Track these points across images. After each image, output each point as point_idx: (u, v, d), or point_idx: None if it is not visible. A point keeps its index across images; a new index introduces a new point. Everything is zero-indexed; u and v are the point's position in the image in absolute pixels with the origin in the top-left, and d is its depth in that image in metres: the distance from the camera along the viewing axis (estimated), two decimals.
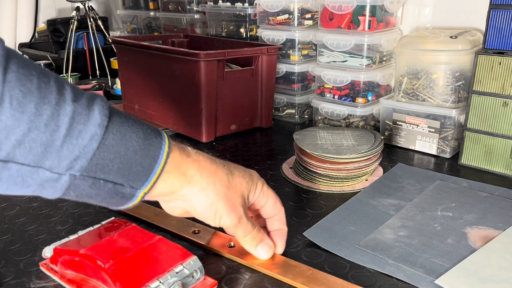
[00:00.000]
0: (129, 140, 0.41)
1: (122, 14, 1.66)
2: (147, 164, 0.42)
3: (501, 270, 0.50)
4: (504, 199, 0.68)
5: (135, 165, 0.41)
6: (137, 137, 0.41)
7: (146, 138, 0.42)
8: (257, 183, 0.51)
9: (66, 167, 0.37)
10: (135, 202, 0.43)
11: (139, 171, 0.42)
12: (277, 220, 0.55)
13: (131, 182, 0.42)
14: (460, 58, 0.84)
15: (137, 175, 0.42)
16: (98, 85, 1.38)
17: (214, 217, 0.47)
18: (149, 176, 0.42)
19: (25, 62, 0.37)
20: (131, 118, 0.42)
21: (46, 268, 0.52)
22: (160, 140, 0.43)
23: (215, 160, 0.48)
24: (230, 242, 0.56)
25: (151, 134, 0.43)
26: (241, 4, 1.17)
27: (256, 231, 0.51)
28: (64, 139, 0.37)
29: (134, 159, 0.41)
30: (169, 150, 0.44)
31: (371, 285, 0.49)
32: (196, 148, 0.49)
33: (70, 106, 0.37)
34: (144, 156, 0.42)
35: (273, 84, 1.05)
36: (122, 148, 0.40)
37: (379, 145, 0.76)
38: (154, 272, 0.46)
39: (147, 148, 0.42)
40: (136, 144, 0.41)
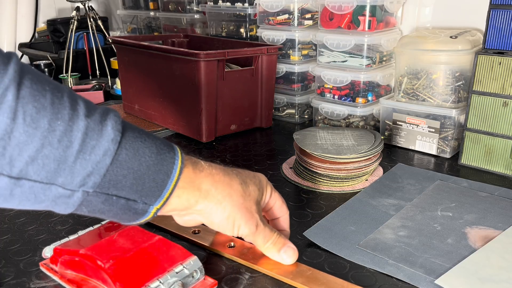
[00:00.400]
0: (142, 156, 0.40)
1: (122, 14, 1.66)
2: (160, 179, 0.41)
3: (501, 270, 0.50)
4: (504, 199, 0.68)
5: (148, 180, 0.41)
6: (150, 152, 0.41)
7: (159, 153, 0.42)
8: (266, 187, 0.52)
9: (79, 183, 0.37)
10: (147, 218, 0.43)
11: (152, 187, 0.41)
12: (282, 222, 0.55)
13: (144, 198, 0.41)
14: (460, 58, 0.84)
15: (150, 191, 0.41)
16: (98, 85, 1.38)
17: (233, 228, 0.47)
18: (162, 192, 0.42)
19: (38, 77, 0.36)
20: (144, 133, 0.42)
21: (46, 268, 0.52)
22: (173, 155, 0.43)
23: (228, 171, 0.48)
24: (230, 242, 0.56)
25: (164, 149, 0.43)
26: (241, 4, 1.17)
27: (276, 236, 0.51)
28: (77, 155, 0.36)
29: (147, 174, 0.40)
30: (182, 165, 0.43)
31: (371, 285, 0.49)
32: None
33: (83, 121, 0.37)
34: (157, 171, 0.41)
35: (273, 84, 1.05)
36: (135, 164, 0.40)
37: (379, 145, 0.76)
38: (154, 272, 0.46)
39: (160, 163, 0.41)
40: (149, 159, 0.41)
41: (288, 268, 0.51)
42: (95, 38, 1.52)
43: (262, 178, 0.52)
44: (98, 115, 0.38)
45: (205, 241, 0.57)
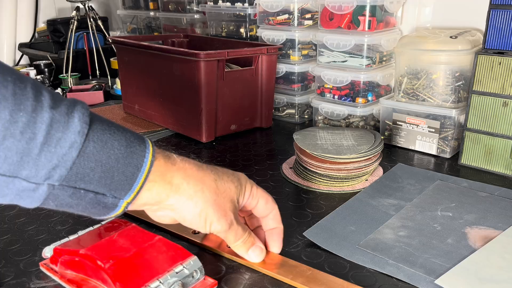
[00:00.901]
0: (111, 148, 0.39)
1: (122, 14, 1.66)
2: (130, 173, 0.40)
3: (501, 270, 0.50)
4: (504, 199, 0.68)
5: (117, 174, 0.40)
6: (119, 144, 0.40)
7: (129, 146, 0.41)
8: (245, 185, 0.50)
9: (44, 176, 0.36)
10: (117, 213, 0.42)
11: (122, 180, 0.40)
12: (271, 219, 0.54)
13: (113, 191, 0.40)
14: (460, 58, 0.84)
15: (120, 185, 0.40)
16: (98, 85, 1.38)
17: (205, 224, 0.46)
18: (132, 186, 0.41)
19: (0, 68, 0.35)
20: (113, 125, 0.41)
21: (46, 268, 0.52)
22: (144, 148, 0.42)
23: (202, 166, 0.47)
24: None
25: (135, 141, 0.42)
26: (241, 4, 1.17)
27: (247, 235, 0.50)
28: (42, 147, 0.35)
29: (116, 167, 0.40)
30: (153, 158, 0.42)
31: (371, 285, 0.49)
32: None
33: (48, 113, 0.36)
34: (127, 164, 0.40)
35: (273, 84, 1.05)
36: (103, 157, 0.39)
37: (379, 145, 0.76)
38: (154, 272, 0.46)
39: (129, 156, 0.40)
40: (118, 152, 0.40)
41: (288, 268, 0.51)
42: (95, 38, 1.52)
43: (241, 177, 0.51)
44: (64, 106, 0.37)
45: (205, 241, 0.57)
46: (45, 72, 1.57)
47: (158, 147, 0.45)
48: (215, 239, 0.57)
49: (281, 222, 0.55)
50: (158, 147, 0.45)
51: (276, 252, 0.54)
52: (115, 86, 1.37)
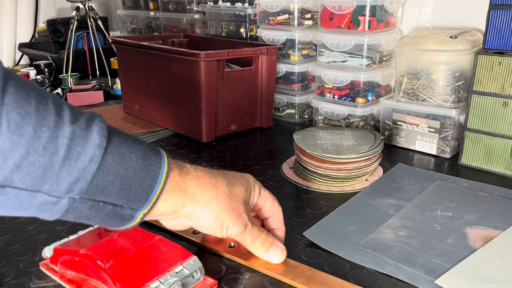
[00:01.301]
0: (129, 161, 0.40)
1: (122, 14, 1.66)
2: (147, 184, 0.41)
3: (501, 270, 0.50)
4: (504, 199, 0.68)
5: (135, 186, 0.41)
6: (136, 157, 0.41)
7: (145, 158, 0.42)
8: (254, 187, 0.51)
9: (65, 190, 0.37)
10: (134, 223, 0.43)
11: (139, 192, 0.41)
12: (276, 220, 0.55)
13: (131, 203, 0.41)
14: (460, 58, 0.84)
15: (137, 196, 0.41)
16: (98, 85, 1.38)
17: (221, 229, 0.47)
18: (149, 197, 0.42)
19: (23, 83, 0.36)
20: (130, 138, 0.42)
21: (46, 268, 0.52)
22: (160, 160, 0.43)
23: (214, 173, 0.48)
24: (230, 242, 0.56)
25: (150, 153, 0.42)
26: (241, 4, 1.17)
27: (264, 235, 0.51)
28: (63, 161, 0.36)
29: (134, 179, 0.40)
30: (168, 170, 0.43)
31: (371, 285, 0.49)
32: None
33: (69, 127, 0.37)
34: (144, 176, 0.41)
35: (273, 84, 1.05)
36: (121, 169, 0.40)
37: (379, 145, 0.76)
38: (154, 272, 0.46)
39: (146, 168, 0.41)
40: (135, 164, 0.41)
41: (288, 268, 0.51)
42: (95, 38, 1.52)
43: (249, 178, 0.52)
44: (84, 121, 0.38)
45: (205, 241, 0.56)
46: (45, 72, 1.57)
47: (172, 158, 0.45)
48: (215, 239, 0.57)
49: (283, 223, 0.55)
50: (172, 158, 0.46)
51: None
52: (115, 86, 1.37)
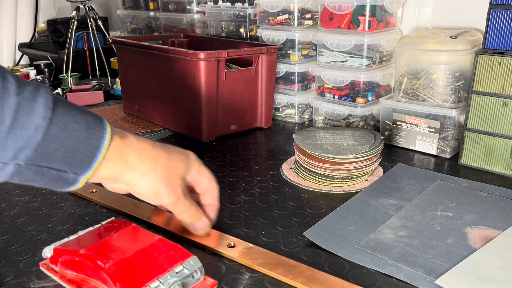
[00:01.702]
0: (72, 131, 0.43)
1: (122, 14, 1.66)
2: (90, 152, 0.45)
3: (501, 270, 0.50)
4: (504, 199, 0.68)
5: (78, 153, 0.44)
6: (80, 127, 0.44)
7: (89, 127, 0.45)
8: (194, 164, 0.56)
9: (11, 157, 0.40)
10: (77, 186, 0.46)
11: (82, 159, 0.44)
12: (210, 196, 0.59)
13: (74, 169, 0.44)
14: (460, 58, 0.84)
15: (80, 163, 0.44)
16: (98, 85, 1.38)
17: (155, 198, 0.51)
18: (91, 164, 0.45)
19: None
20: (75, 108, 0.45)
21: (46, 268, 0.52)
22: (102, 130, 0.46)
23: (156, 146, 0.52)
24: (230, 242, 0.56)
25: (94, 123, 0.46)
26: (241, 4, 1.17)
27: (194, 209, 0.55)
28: (9, 130, 0.39)
29: (77, 148, 0.44)
30: (111, 139, 0.46)
31: (371, 285, 0.49)
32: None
33: (14, 99, 0.40)
34: (87, 145, 0.44)
35: (273, 84, 1.05)
36: (65, 138, 0.43)
37: (379, 145, 0.76)
38: (154, 272, 0.46)
39: (89, 137, 0.45)
40: (79, 134, 0.44)
41: (288, 268, 0.51)
42: (95, 38, 1.52)
43: (190, 156, 0.56)
44: (29, 92, 0.41)
45: (205, 241, 0.57)
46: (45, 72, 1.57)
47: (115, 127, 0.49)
48: (215, 239, 0.57)
49: (218, 201, 0.60)
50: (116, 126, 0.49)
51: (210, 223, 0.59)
52: (115, 86, 1.37)
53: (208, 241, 0.57)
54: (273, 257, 0.53)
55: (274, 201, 0.70)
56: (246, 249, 0.54)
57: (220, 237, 0.57)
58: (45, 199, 0.70)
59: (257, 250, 0.54)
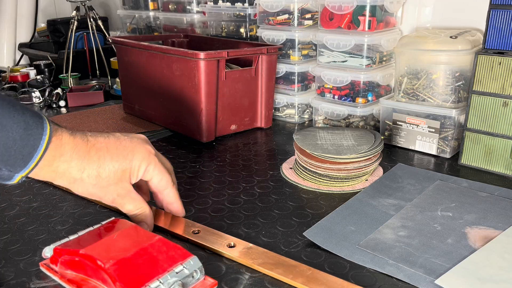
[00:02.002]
0: (10, 131, 0.45)
1: (122, 14, 1.66)
2: (27, 152, 0.46)
3: (501, 270, 0.50)
4: (504, 199, 0.68)
5: (14, 153, 0.45)
6: (18, 127, 0.45)
7: (27, 128, 0.46)
8: (139, 166, 0.56)
9: None
10: (13, 182, 0.48)
11: (18, 159, 0.46)
12: (166, 195, 0.60)
13: (10, 167, 0.46)
14: (460, 58, 0.84)
15: (15, 162, 0.46)
16: (98, 85, 1.38)
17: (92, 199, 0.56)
18: (27, 164, 0.47)
19: None
20: (15, 109, 0.46)
21: (46, 268, 0.52)
22: (41, 131, 0.47)
23: (92, 149, 0.52)
24: (230, 242, 0.56)
25: (33, 125, 0.47)
26: (241, 4, 1.17)
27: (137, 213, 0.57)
28: None
29: (13, 148, 0.45)
30: (48, 141, 0.48)
31: (371, 285, 0.49)
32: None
33: None
34: (24, 146, 0.46)
35: (273, 84, 1.05)
36: (2, 138, 0.44)
37: (379, 145, 0.76)
38: (154, 272, 0.46)
39: (27, 138, 0.46)
40: (16, 134, 0.45)
41: (288, 268, 0.51)
42: (95, 38, 1.52)
43: (136, 158, 0.55)
44: None
45: (205, 241, 0.57)
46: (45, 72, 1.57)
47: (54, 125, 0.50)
48: (215, 239, 0.57)
49: (176, 200, 0.61)
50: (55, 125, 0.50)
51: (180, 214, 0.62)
52: (115, 86, 1.37)
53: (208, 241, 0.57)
54: (273, 257, 0.53)
55: (274, 201, 0.70)
56: (246, 249, 0.54)
57: (220, 237, 0.57)
58: (45, 199, 0.70)
59: (257, 250, 0.54)
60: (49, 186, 0.75)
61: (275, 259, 0.53)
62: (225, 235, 0.58)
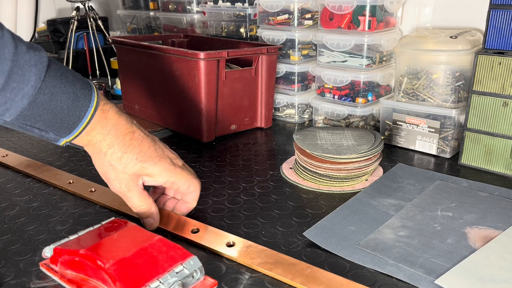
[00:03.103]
0: (59, 101, 0.47)
1: (122, 14, 1.66)
2: (72, 122, 0.50)
3: (501, 270, 0.50)
4: (504, 199, 0.68)
5: (61, 120, 0.48)
6: (67, 98, 0.48)
7: (76, 99, 0.49)
8: (159, 174, 0.57)
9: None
10: (59, 144, 0.52)
11: (64, 126, 0.49)
12: (189, 198, 0.62)
13: (56, 131, 0.50)
14: (460, 58, 0.84)
15: (61, 128, 0.49)
16: (98, 85, 1.38)
17: (104, 179, 0.56)
18: (72, 131, 0.50)
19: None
20: (66, 78, 0.49)
21: (46, 268, 0.52)
22: (88, 103, 0.50)
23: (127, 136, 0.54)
24: (229, 241, 0.56)
25: (81, 96, 0.49)
26: (241, 4, 1.17)
27: (144, 208, 0.58)
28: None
29: (61, 116, 0.48)
30: (94, 112, 0.51)
31: (371, 285, 0.49)
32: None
33: (8, 65, 0.43)
34: (71, 115, 0.49)
35: (273, 84, 1.05)
36: (51, 106, 0.47)
37: (379, 145, 0.76)
38: (154, 272, 0.46)
39: (74, 108, 0.49)
40: (64, 104, 0.48)
41: (287, 267, 0.51)
42: (95, 38, 1.52)
43: (161, 163, 0.57)
44: (23, 60, 0.44)
45: (205, 241, 0.57)
46: None
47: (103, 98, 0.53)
48: (214, 237, 0.57)
49: (194, 201, 0.63)
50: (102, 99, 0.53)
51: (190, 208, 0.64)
52: (115, 86, 1.37)
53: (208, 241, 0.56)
54: (272, 255, 0.53)
55: (274, 201, 0.70)
56: (245, 247, 0.54)
57: (219, 237, 0.57)
58: (45, 199, 0.70)
59: (256, 248, 0.54)
60: (49, 186, 0.75)
61: (274, 257, 0.53)
62: (224, 233, 0.58)
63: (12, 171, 0.81)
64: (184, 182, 0.59)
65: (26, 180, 0.77)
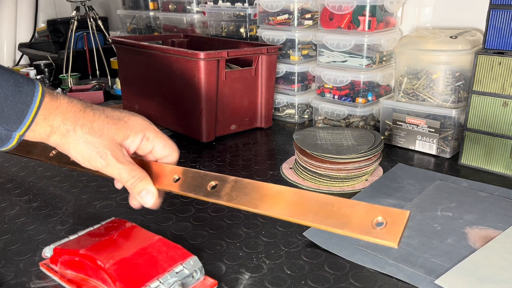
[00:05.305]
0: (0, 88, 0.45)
1: (122, 14, 1.66)
2: (20, 109, 0.46)
3: (501, 270, 0.50)
4: (504, 199, 0.68)
5: (7, 109, 0.46)
6: (7, 84, 0.46)
7: (17, 85, 0.46)
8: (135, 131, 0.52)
9: None
10: (13, 144, 0.47)
11: (12, 115, 0.46)
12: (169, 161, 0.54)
13: (5, 124, 0.46)
14: (460, 58, 0.84)
15: (10, 119, 0.46)
16: (98, 85, 1.38)
17: (83, 161, 0.50)
18: (22, 120, 0.47)
19: None
20: (4, 69, 0.46)
21: (46, 268, 0.52)
22: (33, 88, 0.47)
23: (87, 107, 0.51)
24: (174, 175, 0.51)
25: (23, 82, 0.47)
26: (241, 4, 1.17)
27: (135, 180, 0.50)
28: None
29: (5, 104, 0.45)
30: (41, 97, 0.47)
31: (371, 285, 0.49)
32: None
33: None
34: (16, 102, 0.46)
35: (273, 84, 1.05)
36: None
37: (379, 145, 0.76)
38: (154, 272, 0.46)
39: (18, 95, 0.46)
40: (7, 91, 0.45)
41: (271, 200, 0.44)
42: (95, 38, 1.52)
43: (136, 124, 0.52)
44: None
45: (187, 189, 0.49)
46: (45, 72, 1.57)
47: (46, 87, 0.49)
48: (197, 184, 0.48)
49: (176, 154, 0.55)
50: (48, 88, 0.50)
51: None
52: (115, 86, 1.37)
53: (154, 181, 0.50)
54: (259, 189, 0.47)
55: None
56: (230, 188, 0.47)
57: (162, 171, 0.51)
58: (45, 199, 0.70)
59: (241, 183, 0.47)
60: (49, 186, 0.75)
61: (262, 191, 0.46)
62: (208, 174, 0.49)
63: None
64: (160, 140, 0.53)
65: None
